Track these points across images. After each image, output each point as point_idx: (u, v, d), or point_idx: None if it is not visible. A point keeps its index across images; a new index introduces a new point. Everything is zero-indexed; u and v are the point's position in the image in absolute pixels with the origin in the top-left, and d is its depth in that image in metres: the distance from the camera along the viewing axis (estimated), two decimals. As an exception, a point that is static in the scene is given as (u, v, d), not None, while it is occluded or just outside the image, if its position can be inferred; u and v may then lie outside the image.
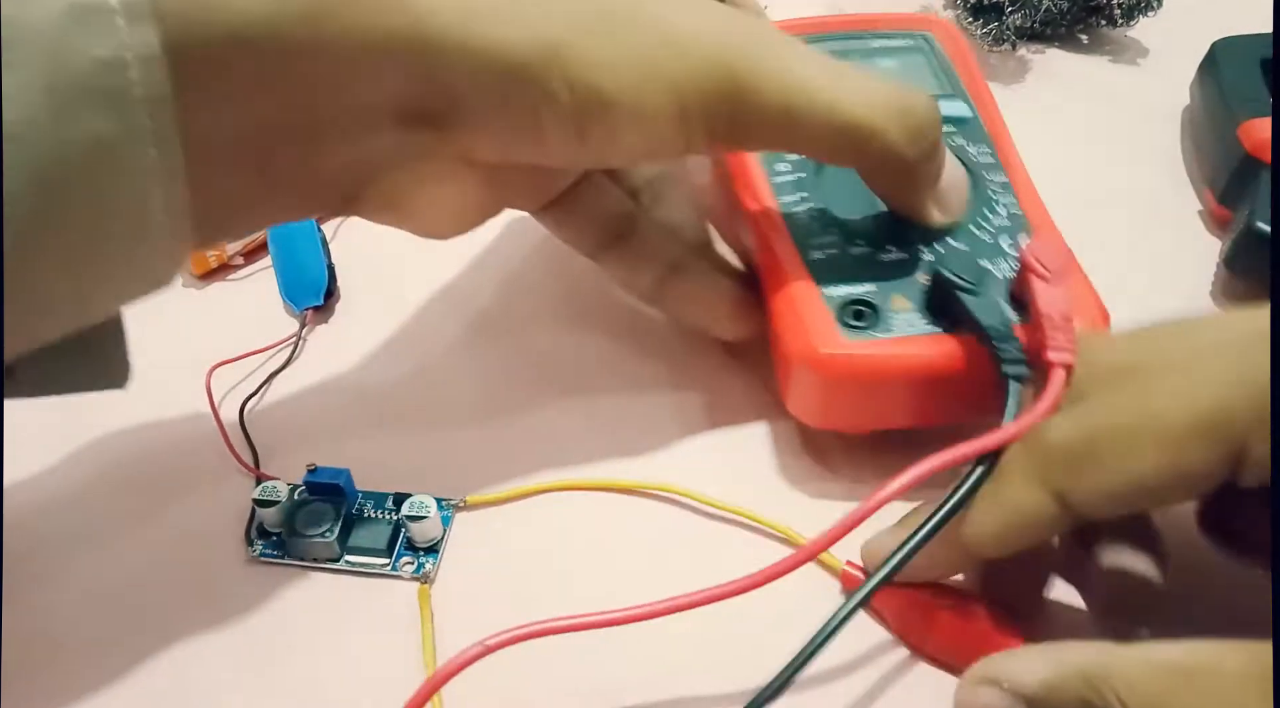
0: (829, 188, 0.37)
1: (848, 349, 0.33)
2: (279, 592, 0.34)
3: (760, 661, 0.31)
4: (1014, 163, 0.38)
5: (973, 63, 0.42)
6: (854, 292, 0.34)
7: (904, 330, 0.33)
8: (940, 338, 0.33)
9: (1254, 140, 0.42)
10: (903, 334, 0.33)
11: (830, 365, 0.33)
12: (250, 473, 0.37)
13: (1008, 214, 0.36)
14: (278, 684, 0.32)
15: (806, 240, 0.36)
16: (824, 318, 0.34)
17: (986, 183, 0.37)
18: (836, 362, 0.33)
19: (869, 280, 0.34)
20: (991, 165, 0.38)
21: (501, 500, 0.36)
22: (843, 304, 0.34)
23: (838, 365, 0.33)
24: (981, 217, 0.36)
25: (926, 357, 0.33)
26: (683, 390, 0.39)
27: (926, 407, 0.35)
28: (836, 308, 0.34)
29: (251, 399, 0.39)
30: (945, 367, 0.33)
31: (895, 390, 0.34)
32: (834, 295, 0.34)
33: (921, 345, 0.33)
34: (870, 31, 0.43)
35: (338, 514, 0.34)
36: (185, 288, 0.44)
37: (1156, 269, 0.43)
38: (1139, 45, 0.55)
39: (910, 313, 0.34)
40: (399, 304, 0.43)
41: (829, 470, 0.36)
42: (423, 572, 0.34)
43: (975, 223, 0.36)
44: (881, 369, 0.33)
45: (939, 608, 0.31)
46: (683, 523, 0.35)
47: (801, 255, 0.35)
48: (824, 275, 0.35)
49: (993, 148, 0.38)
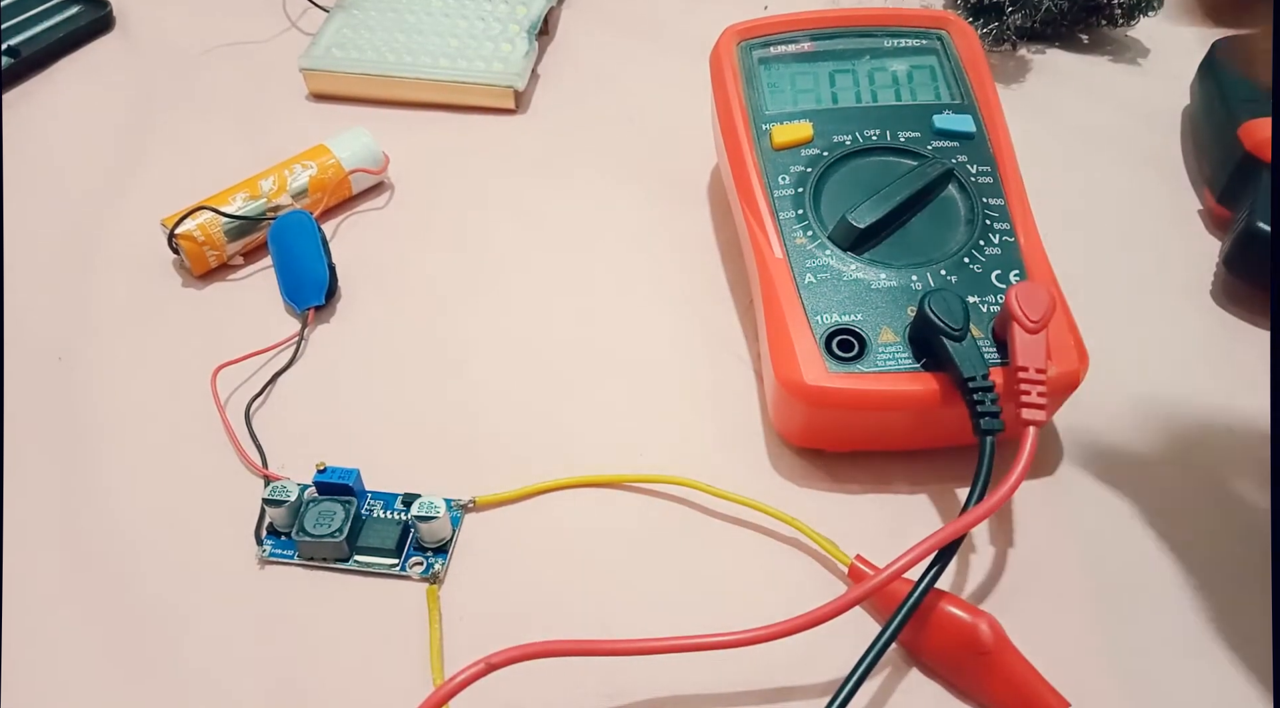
0: (826, 204, 0.37)
1: (832, 382, 0.34)
2: (288, 591, 0.34)
3: (769, 658, 0.31)
4: (1013, 184, 0.38)
5: (984, 67, 0.41)
6: (843, 321, 0.35)
7: (887, 366, 0.34)
8: (921, 376, 0.33)
9: (1254, 140, 0.42)
10: (886, 370, 0.34)
11: (815, 395, 0.34)
12: (258, 473, 0.37)
13: (1001, 241, 0.36)
14: (286, 684, 0.32)
15: (803, 263, 0.36)
16: (811, 348, 0.34)
17: (983, 208, 0.37)
18: (821, 393, 0.34)
19: (859, 310, 0.35)
20: (990, 187, 0.38)
21: (511, 500, 0.36)
22: (831, 334, 0.34)
23: (822, 396, 0.34)
24: (975, 247, 0.36)
25: (907, 394, 0.33)
26: (689, 387, 0.40)
27: (904, 436, 0.36)
28: (824, 336, 0.34)
29: (256, 399, 0.39)
30: (924, 405, 0.33)
31: (875, 421, 0.35)
32: (824, 323, 0.35)
33: (903, 382, 0.33)
34: (884, 28, 0.43)
35: (347, 514, 0.34)
36: (185, 288, 0.44)
37: (1156, 268, 0.43)
38: (1139, 45, 0.55)
39: (896, 346, 0.34)
40: (401, 303, 0.43)
41: (826, 468, 0.37)
42: (431, 572, 0.34)
43: (969, 253, 0.36)
44: (863, 402, 0.34)
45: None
46: (694, 516, 0.36)
47: (796, 279, 0.36)
48: (816, 302, 0.35)
49: (995, 167, 0.38)
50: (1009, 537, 0.35)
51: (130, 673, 0.32)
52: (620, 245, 0.45)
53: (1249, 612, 0.33)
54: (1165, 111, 0.51)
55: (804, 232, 0.37)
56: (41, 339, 0.42)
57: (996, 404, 0.32)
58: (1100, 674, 0.31)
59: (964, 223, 0.37)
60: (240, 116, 0.53)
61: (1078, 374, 0.34)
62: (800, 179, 0.38)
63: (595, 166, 0.49)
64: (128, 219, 0.47)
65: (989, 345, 0.34)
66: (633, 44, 0.57)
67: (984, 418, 0.32)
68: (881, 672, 0.31)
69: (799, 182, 0.38)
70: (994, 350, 0.34)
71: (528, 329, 0.42)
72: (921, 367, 0.34)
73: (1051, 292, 0.33)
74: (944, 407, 0.33)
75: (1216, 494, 0.36)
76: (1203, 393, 0.39)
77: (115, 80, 0.55)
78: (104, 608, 0.34)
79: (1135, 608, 0.33)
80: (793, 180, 0.38)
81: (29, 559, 0.35)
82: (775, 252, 0.36)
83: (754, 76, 0.42)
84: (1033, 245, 0.36)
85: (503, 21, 0.55)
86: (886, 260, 0.36)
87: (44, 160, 0.51)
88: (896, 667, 0.32)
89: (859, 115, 0.40)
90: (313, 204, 0.46)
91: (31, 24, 0.57)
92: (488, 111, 0.53)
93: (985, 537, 0.35)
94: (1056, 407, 0.36)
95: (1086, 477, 0.36)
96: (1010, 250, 0.36)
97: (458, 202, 0.48)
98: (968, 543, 0.34)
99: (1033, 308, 0.32)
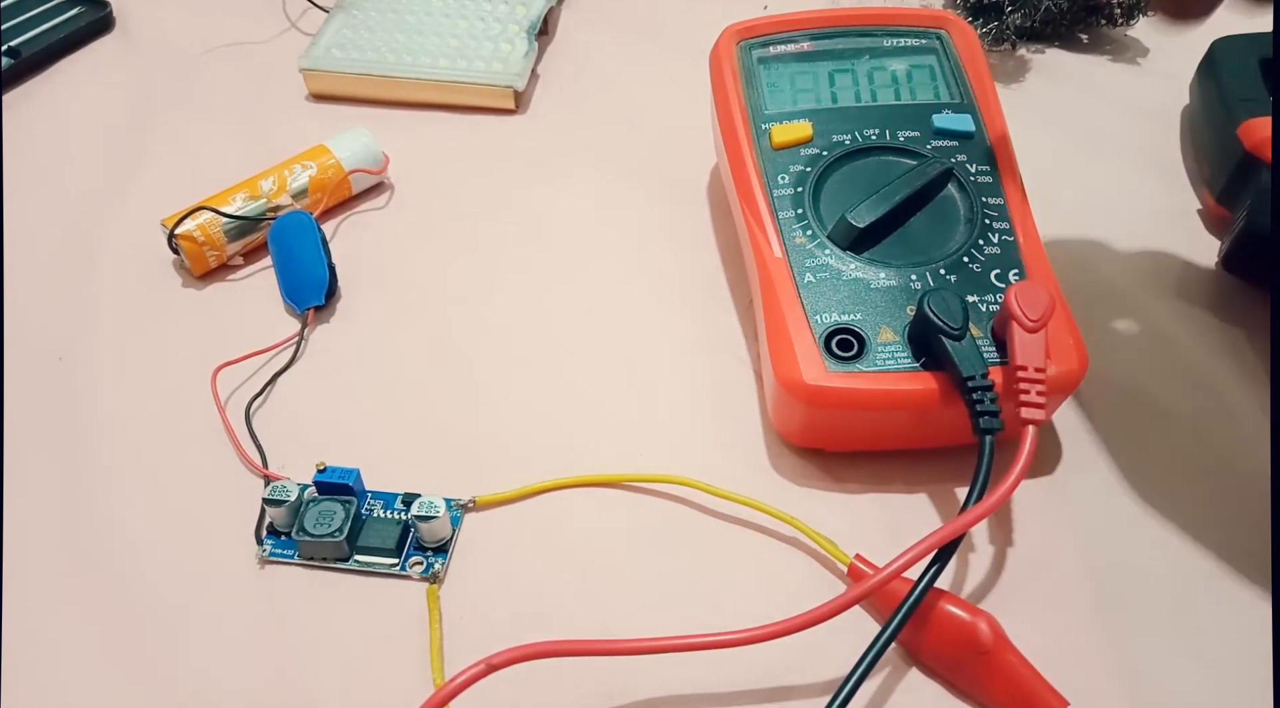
0: (826, 203, 0.37)
1: (831, 382, 0.34)
2: (288, 591, 0.34)
3: (768, 658, 0.31)
4: (1013, 183, 0.38)
5: (984, 67, 0.41)
6: (842, 320, 0.35)
7: (886, 365, 0.34)
8: (920, 375, 0.33)
9: (1253, 140, 0.42)
10: (885, 369, 0.34)
11: (814, 395, 0.34)
12: (258, 473, 0.37)
13: (1000, 241, 0.36)
14: (286, 684, 0.32)
15: (802, 262, 0.36)
16: (811, 347, 0.34)
17: (982, 207, 0.37)
18: (820, 392, 0.34)
19: (858, 309, 0.35)
20: (990, 186, 0.38)
21: (511, 500, 0.36)
22: (830, 333, 0.34)
23: (821, 395, 0.34)
24: (974, 246, 0.36)
25: (906, 393, 0.33)
26: (688, 387, 0.40)
27: (903, 436, 0.36)
28: (824, 336, 0.34)
29: (256, 399, 0.39)
30: (923, 404, 0.33)
31: (874, 421, 0.35)
32: (823, 322, 0.35)
33: (902, 382, 0.33)
34: (883, 28, 0.43)
35: (347, 514, 0.34)
36: (185, 288, 0.44)
37: (1155, 268, 0.43)
38: (1139, 45, 0.55)
39: (895, 345, 0.34)
40: (401, 303, 0.43)
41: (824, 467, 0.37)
42: (431, 572, 0.34)
43: (968, 253, 0.36)
44: (862, 402, 0.34)
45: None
46: (694, 515, 0.36)
47: (795, 278, 0.36)
48: (816, 301, 0.35)
49: (994, 167, 0.38)
50: (1009, 536, 0.35)
51: (130, 673, 0.32)
52: (620, 245, 0.45)
53: (1249, 612, 0.33)
54: (1165, 111, 0.51)
55: (803, 231, 0.37)
56: (41, 339, 0.42)
57: (996, 403, 0.32)
58: (1100, 674, 0.31)
59: (963, 222, 0.37)
60: (240, 117, 0.53)
61: (1077, 374, 0.34)
62: (800, 178, 0.38)
63: (595, 167, 0.49)
64: (128, 219, 0.47)
65: (988, 345, 0.34)
66: (633, 44, 0.57)
67: (983, 417, 0.32)
68: (881, 672, 0.32)
69: (798, 181, 0.38)
70: (993, 350, 0.34)
71: (527, 329, 0.42)
72: (921, 366, 0.34)
73: (1050, 291, 0.33)
74: (943, 406, 0.33)
75: (1216, 494, 0.36)
76: (1202, 393, 0.39)
77: (115, 80, 0.55)
78: (104, 608, 0.34)
79: (1135, 608, 0.33)
80: (792, 180, 0.38)
81: (29, 559, 0.35)
82: (775, 251, 0.36)
83: (753, 76, 0.42)
84: (1032, 245, 0.36)
85: (503, 21, 0.55)
86: (886, 260, 0.36)
87: (44, 160, 0.51)
88: (896, 667, 0.32)
89: (858, 115, 0.40)
90: (313, 204, 0.46)
91: (31, 24, 0.57)
92: (487, 111, 0.53)
93: (985, 536, 0.35)
94: (1056, 406, 0.36)
95: (1086, 477, 0.36)
96: (1010, 250, 0.36)
97: (457, 201, 0.48)
98: (967, 543, 0.34)
99: (1032, 307, 0.32)
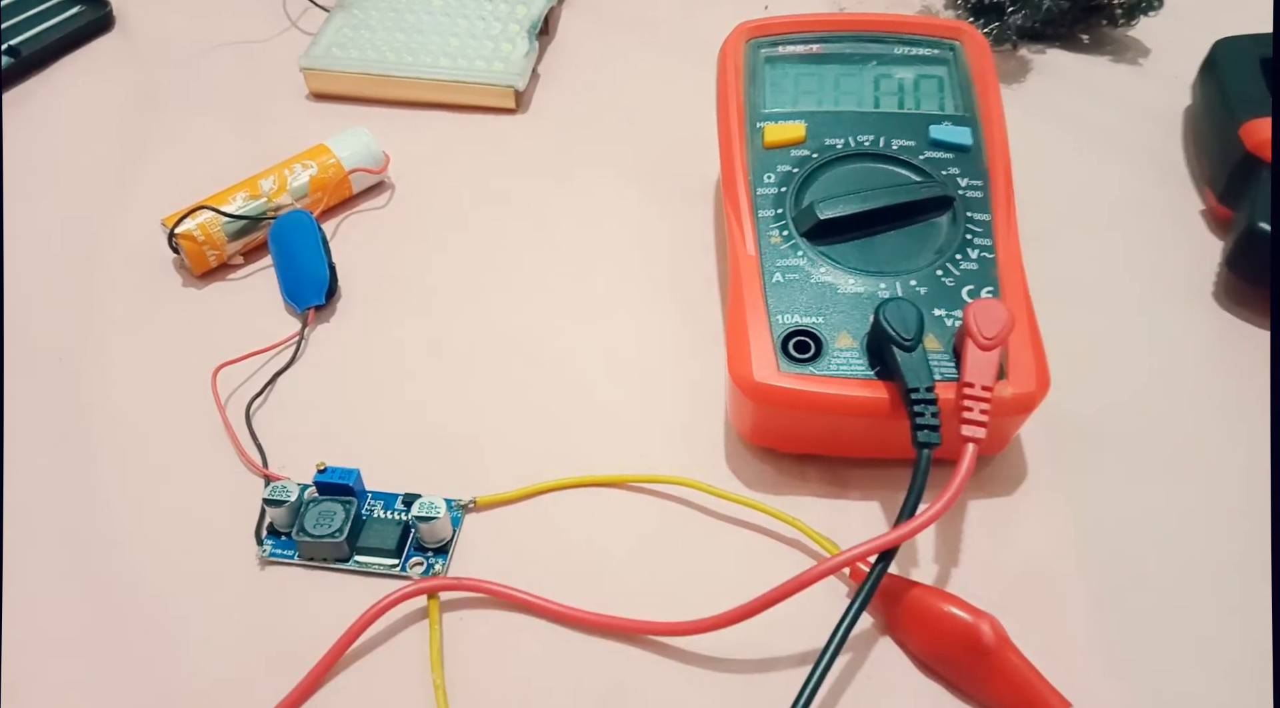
0: (807, 206, 0.37)
1: (781, 381, 0.34)
2: (288, 591, 0.34)
3: (743, 648, 0.31)
4: (1002, 201, 0.37)
5: (993, 81, 0.41)
6: (802, 322, 0.35)
7: (839, 371, 0.34)
8: (871, 383, 0.33)
9: (1254, 140, 0.42)
10: (837, 374, 0.34)
11: (762, 393, 0.34)
12: (258, 473, 0.37)
13: (979, 257, 0.36)
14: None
15: (773, 261, 0.36)
16: (767, 346, 0.34)
17: (967, 222, 0.37)
18: (769, 391, 0.34)
19: (820, 313, 0.35)
20: (978, 201, 0.37)
21: (511, 500, 0.36)
22: (789, 334, 0.34)
23: (770, 394, 0.34)
24: (951, 261, 0.36)
25: (853, 399, 0.33)
26: (688, 387, 0.39)
27: (854, 443, 0.36)
28: (782, 336, 0.34)
29: (256, 399, 0.39)
30: (871, 412, 0.33)
31: (823, 424, 0.35)
32: (784, 322, 0.35)
33: (852, 387, 0.33)
34: (896, 35, 0.42)
35: (347, 514, 0.34)
36: (185, 288, 0.44)
37: (1157, 269, 0.43)
38: (1139, 45, 0.55)
39: (852, 351, 0.34)
40: (401, 302, 0.43)
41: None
42: (432, 572, 0.34)
43: (943, 266, 0.36)
44: (809, 404, 0.33)
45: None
46: (694, 515, 0.36)
47: (764, 276, 0.36)
48: (780, 301, 0.35)
49: (985, 182, 0.38)
50: (1009, 537, 0.35)
51: (130, 673, 0.32)
52: (620, 245, 0.45)
53: (1249, 612, 0.33)
54: (1166, 111, 0.51)
55: (780, 231, 0.37)
56: (42, 339, 0.42)
57: (936, 418, 0.31)
58: (1101, 674, 0.31)
59: (944, 235, 0.36)
60: (240, 116, 0.53)
61: (1035, 396, 0.33)
62: (785, 178, 0.38)
63: (595, 166, 0.49)
64: (128, 219, 0.47)
65: (948, 360, 0.33)
66: (633, 44, 0.57)
67: (921, 431, 0.31)
68: (883, 672, 0.31)
69: (783, 181, 0.38)
70: (952, 365, 0.33)
71: (528, 329, 0.42)
72: (875, 375, 0.33)
73: (1015, 311, 0.33)
74: (891, 416, 0.33)
75: (1216, 494, 0.36)
76: (1203, 393, 0.39)
77: (115, 80, 0.55)
78: (104, 608, 0.34)
79: (1135, 608, 0.33)
80: (777, 179, 0.38)
81: (29, 559, 0.35)
82: (748, 248, 0.36)
83: (757, 74, 0.41)
84: (1011, 263, 0.36)
85: (503, 21, 0.55)
86: (859, 266, 0.36)
87: (44, 160, 0.51)
88: (898, 667, 0.32)
89: (856, 120, 0.40)
90: (313, 204, 0.46)
91: (31, 24, 0.57)
92: (488, 111, 0.53)
93: (986, 537, 0.35)
94: (1014, 428, 0.35)
95: (1086, 477, 0.36)
96: (987, 266, 0.36)
97: (458, 201, 0.48)
98: (968, 543, 0.34)
99: (988, 325, 0.32)
